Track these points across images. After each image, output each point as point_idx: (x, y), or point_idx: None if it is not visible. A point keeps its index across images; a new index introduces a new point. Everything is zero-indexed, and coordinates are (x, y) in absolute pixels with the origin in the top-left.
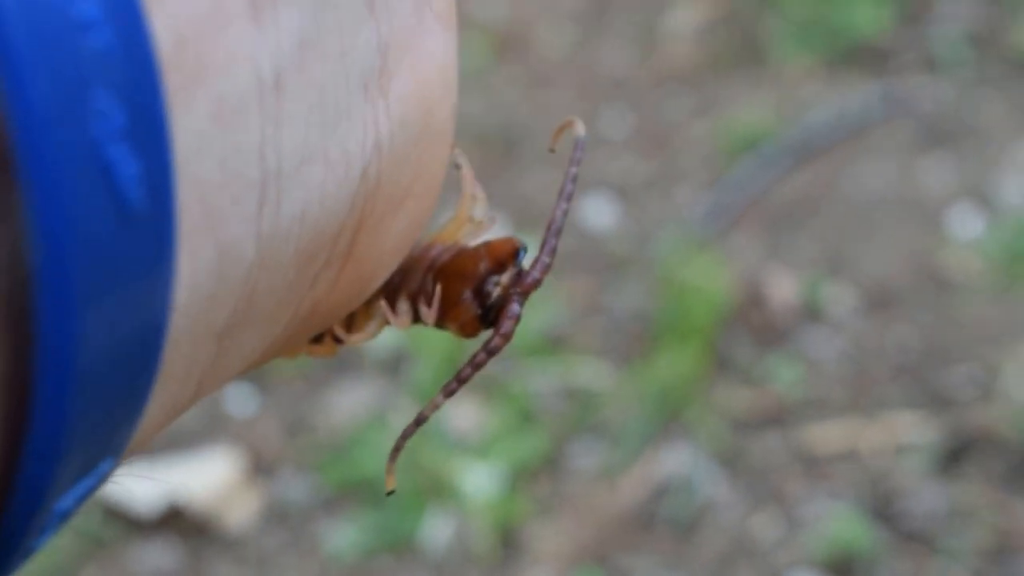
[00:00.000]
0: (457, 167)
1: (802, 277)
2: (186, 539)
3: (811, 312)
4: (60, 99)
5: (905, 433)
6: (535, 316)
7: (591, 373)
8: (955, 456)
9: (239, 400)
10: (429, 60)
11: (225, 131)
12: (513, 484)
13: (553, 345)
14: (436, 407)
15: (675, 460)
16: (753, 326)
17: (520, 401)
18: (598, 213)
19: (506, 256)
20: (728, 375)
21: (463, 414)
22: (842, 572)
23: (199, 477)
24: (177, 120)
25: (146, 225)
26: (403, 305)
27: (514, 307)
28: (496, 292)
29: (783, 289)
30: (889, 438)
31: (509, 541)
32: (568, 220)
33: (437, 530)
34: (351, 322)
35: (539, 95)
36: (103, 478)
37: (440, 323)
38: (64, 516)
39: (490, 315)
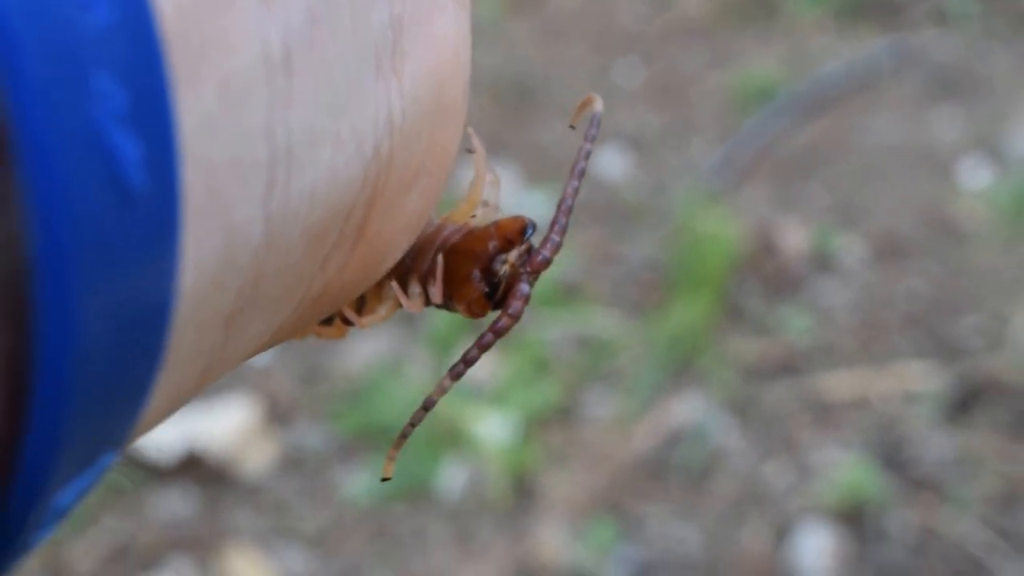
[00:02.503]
0: (469, 151)
1: (813, 227)
2: (204, 486)
3: (822, 262)
4: (59, 80)
5: (914, 382)
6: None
7: (604, 322)
8: (964, 405)
9: None
10: (442, 38)
11: (232, 111)
12: (527, 432)
13: (567, 295)
14: (444, 391)
15: (687, 409)
16: (765, 276)
17: (534, 350)
18: (612, 164)
19: (514, 234)
20: (740, 324)
21: (478, 363)
22: (852, 519)
23: (216, 425)
24: (182, 100)
25: (149, 209)
26: (414, 287)
27: (523, 286)
28: (504, 270)
29: (794, 239)
30: (898, 387)
31: (523, 489)
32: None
33: (452, 477)
34: (362, 304)
35: (553, 48)
36: (104, 471)
37: (448, 303)
38: (63, 512)
39: (498, 294)
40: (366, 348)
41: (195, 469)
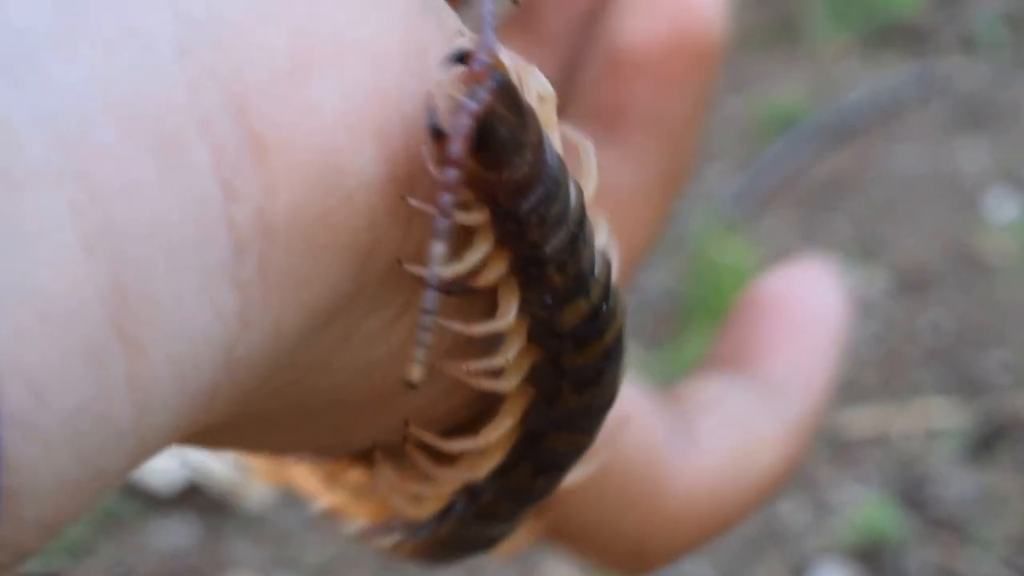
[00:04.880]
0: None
1: (835, 259)
2: (204, 516)
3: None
4: None
5: (936, 418)
6: None
7: None
8: (986, 442)
9: None
10: None
11: None
12: None
13: None
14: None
15: None
16: None
17: None
18: None
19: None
20: None
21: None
22: (871, 558)
23: (217, 454)
24: None
25: None
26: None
27: (464, 101)
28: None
29: None
30: (920, 423)
31: None
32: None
33: None
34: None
35: None
36: None
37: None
38: None
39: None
40: None
41: (196, 499)
